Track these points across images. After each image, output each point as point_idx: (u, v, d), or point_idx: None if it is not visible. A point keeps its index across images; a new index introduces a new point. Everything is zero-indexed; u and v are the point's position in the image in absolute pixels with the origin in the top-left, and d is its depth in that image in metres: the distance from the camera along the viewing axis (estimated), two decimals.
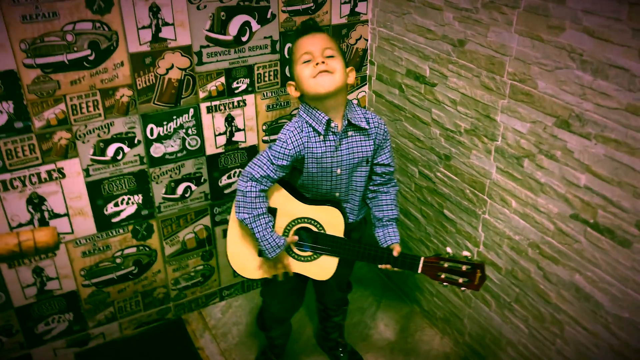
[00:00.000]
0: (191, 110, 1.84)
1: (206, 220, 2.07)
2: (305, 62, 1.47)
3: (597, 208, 1.36)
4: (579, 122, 1.35)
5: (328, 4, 1.91)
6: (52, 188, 1.74)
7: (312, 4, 1.87)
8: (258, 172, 1.49)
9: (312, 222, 1.59)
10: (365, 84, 2.15)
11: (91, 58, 1.62)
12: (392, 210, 1.62)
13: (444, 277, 1.51)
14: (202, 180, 1.98)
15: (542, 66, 1.41)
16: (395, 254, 1.54)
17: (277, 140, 1.50)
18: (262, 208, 1.52)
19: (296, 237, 1.60)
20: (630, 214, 1.28)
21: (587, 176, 1.37)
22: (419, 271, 1.52)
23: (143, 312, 2.13)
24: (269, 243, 1.52)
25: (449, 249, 1.52)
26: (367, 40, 2.05)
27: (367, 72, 2.13)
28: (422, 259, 1.51)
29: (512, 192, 1.61)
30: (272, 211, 1.58)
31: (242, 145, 2.00)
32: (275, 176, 1.51)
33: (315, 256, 1.61)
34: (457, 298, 1.97)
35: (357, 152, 1.54)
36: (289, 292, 1.76)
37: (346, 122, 1.50)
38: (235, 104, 1.91)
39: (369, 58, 2.09)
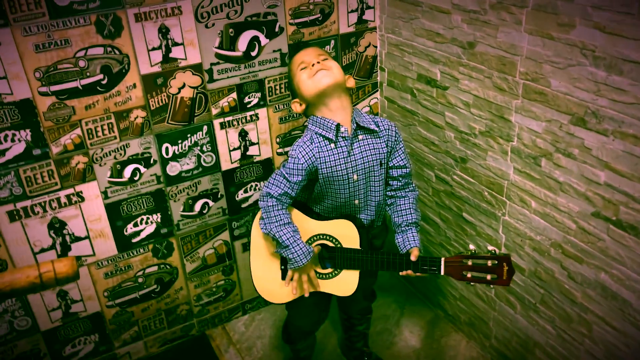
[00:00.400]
0: (205, 128, 1.85)
1: (225, 235, 2.08)
2: (302, 69, 1.52)
3: (618, 205, 1.34)
4: (595, 119, 1.33)
5: (335, 14, 1.91)
6: (72, 212, 1.76)
7: (319, 15, 1.88)
8: (275, 191, 1.50)
9: (328, 237, 1.59)
10: (377, 90, 2.15)
11: (104, 82, 1.64)
12: (410, 214, 1.61)
13: (469, 276, 1.45)
14: (219, 196, 1.99)
15: (554, 64, 1.39)
16: (413, 258, 1.51)
17: (289, 157, 1.51)
18: (287, 218, 1.54)
19: (317, 249, 1.59)
20: None
21: (607, 173, 1.35)
22: (442, 273, 1.48)
23: (167, 329, 2.15)
24: (300, 249, 1.52)
25: (472, 246, 1.48)
26: (376, 47, 2.05)
27: (378, 78, 2.12)
28: (443, 260, 1.48)
29: (530, 192, 1.59)
30: None
31: (257, 159, 2.01)
32: (292, 193, 1.52)
33: (336, 272, 1.61)
34: (481, 301, 1.95)
35: (371, 154, 1.54)
36: (315, 305, 1.74)
37: (355, 125, 1.51)
38: (248, 118, 1.92)
39: (379, 65, 2.09)
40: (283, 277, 1.64)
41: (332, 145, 1.50)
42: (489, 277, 1.44)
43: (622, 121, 1.27)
